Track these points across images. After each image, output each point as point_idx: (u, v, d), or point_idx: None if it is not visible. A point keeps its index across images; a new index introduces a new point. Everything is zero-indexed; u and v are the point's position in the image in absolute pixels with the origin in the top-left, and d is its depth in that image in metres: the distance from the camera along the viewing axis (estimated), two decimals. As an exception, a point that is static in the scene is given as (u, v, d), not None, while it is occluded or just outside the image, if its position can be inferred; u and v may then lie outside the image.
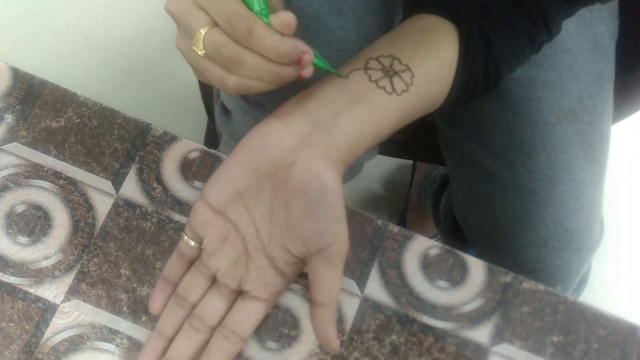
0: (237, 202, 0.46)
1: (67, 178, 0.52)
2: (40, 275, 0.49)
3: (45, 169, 0.52)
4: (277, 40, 0.41)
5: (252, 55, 0.41)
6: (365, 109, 0.45)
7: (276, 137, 0.44)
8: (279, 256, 0.45)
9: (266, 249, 0.46)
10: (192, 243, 0.47)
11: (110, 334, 0.48)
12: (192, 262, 0.49)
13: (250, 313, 0.47)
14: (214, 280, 0.48)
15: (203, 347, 0.47)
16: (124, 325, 0.49)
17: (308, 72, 0.44)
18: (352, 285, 0.50)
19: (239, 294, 0.48)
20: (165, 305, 0.48)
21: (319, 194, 0.43)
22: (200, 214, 0.47)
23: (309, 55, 0.42)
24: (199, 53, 0.42)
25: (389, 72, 0.46)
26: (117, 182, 0.52)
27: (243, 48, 0.41)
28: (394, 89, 0.46)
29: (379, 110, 0.45)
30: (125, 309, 0.49)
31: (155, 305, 0.48)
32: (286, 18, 0.41)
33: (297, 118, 0.44)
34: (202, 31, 0.41)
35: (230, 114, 0.62)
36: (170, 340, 0.47)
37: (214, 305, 0.47)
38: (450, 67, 0.48)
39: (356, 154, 0.46)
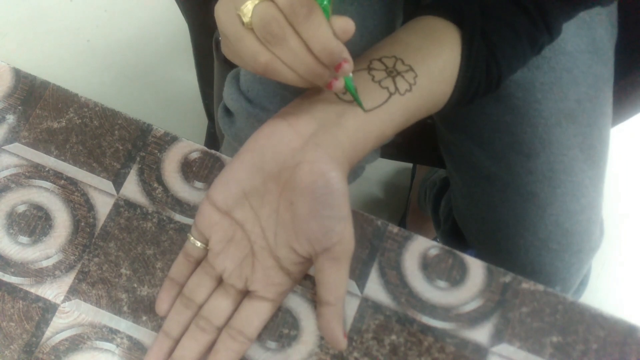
0: (243, 202, 0.46)
1: (68, 178, 0.52)
2: (40, 275, 0.50)
3: (47, 169, 0.52)
4: (330, 35, 0.40)
5: (297, 39, 0.40)
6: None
7: (281, 137, 0.44)
8: (285, 256, 0.45)
9: (272, 249, 0.46)
10: (198, 244, 0.48)
11: (110, 334, 0.48)
12: (198, 263, 0.49)
13: (256, 313, 0.47)
14: (220, 281, 0.48)
15: (209, 347, 0.47)
16: (124, 325, 0.49)
17: (339, 84, 0.42)
18: (351, 285, 0.50)
19: (245, 294, 0.48)
20: (171, 306, 0.48)
21: (325, 193, 0.43)
22: (206, 214, 0.47)
23: (349, 65, 0.41)
24: (243, 20, 0.40)
25: (392, 73, 0.46)
26: (118, 183, 0.52)
27: (292, 29, 0.40)
28: (397, 89, 0.46)
29: (382, 110, 0.45)
30: (125, 308, 0.49)
31: (161, 306, 0.48)
32: (348, 24, 0.40)
33: (302, 118, 0.45)
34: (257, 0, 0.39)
35: (232, 116, 0.62)
36: (177, 341, 0.47)
37: (221, 305, 0.47)
38: (453, 68, 0.48)
39: (361, 153, 0.46)
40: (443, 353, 0.49)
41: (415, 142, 0.85)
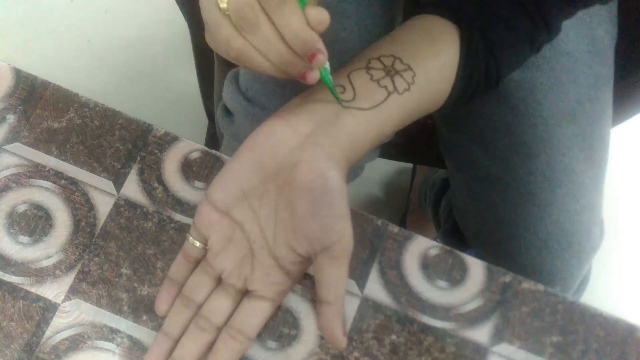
0: (242, 202, 0.46)
1: (68, 178, 0.52)
2: (41, 274, 0.50)
3: (47, 169, 0.52)
4: (303, 24, 0.40)
5: (270, 26, 0.39)
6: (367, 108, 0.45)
7: (280, 136, 0.44)
8: (285, 255, 0.45)
9: (271, 248, 0.46)
10: (197, 244, 0.48)
11: (110, 333, 0.49)
12: (197, 263, 0.49)
13: (256, 312, 0.47)
14: (219, 281, 0.48)
15: (209, 347, 0.47)
16: (125, 325, 0.49)
17: (313, 76, 0.42)
18: (352, 285, 0.50)
19: (244, 293, 0.48)
20: (171, 305, 0.48)
21: (323, 192, 0.43)
22: (205, 214, 0.47)
23: (323, 56, 0.41)
24: (221, 5, 0.40)
25: (391, 72, 0.46)
26: (118, 182, 0.52)
27: (266, 16, 0.39)
28: (395, 88, 0.46)
29: (381, 109, 0.45)
30: (125, 308, 0.49)
31: (161, 306, 0.48)
32: (323, 15, 0.40)
33: (301, 118, 0.45)
34: None
35: (232, 115, 0.62)
36: (177, 341, 0.47)
37: (220, 305, 0.47)
38: (452, 67, 0.48)
39: (359, 152, 0.46)
40: (443, 353, 0.49)
41: (415, 142, 0.85)
